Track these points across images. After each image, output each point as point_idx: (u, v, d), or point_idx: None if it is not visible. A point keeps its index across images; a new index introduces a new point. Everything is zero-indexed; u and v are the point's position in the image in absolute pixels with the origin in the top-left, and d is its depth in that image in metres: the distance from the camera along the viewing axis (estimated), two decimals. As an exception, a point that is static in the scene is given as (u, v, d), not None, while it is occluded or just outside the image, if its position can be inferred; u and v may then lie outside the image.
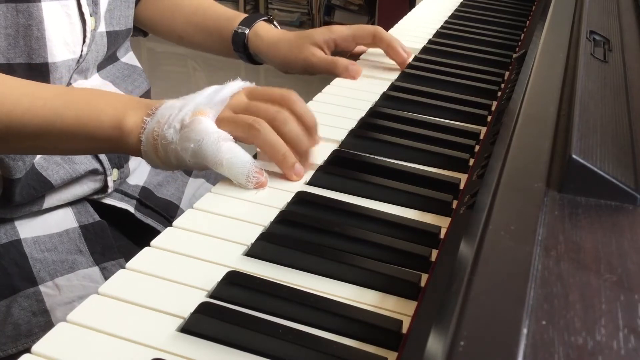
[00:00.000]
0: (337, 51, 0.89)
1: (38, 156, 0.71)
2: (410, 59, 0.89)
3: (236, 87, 0.61)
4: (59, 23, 0.69)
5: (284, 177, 0.59)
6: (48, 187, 0.72)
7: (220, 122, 0.58)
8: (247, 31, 0.88)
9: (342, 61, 0.84)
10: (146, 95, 0.88)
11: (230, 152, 0.56)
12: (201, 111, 0.57)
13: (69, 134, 0.59)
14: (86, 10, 0.72)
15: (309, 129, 0.60)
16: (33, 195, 0.71)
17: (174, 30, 0.94)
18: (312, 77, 0.93)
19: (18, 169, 0.68)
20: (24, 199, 0.70)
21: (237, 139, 0.57)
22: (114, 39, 0.80)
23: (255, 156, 0.60)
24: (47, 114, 0.58)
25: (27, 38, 0.66)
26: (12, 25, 0.64)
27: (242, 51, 0.89)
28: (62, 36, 0.69)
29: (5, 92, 0.59)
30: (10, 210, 0.71)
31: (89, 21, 0.72)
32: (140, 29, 0.98)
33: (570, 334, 0.30)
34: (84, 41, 0.72)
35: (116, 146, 0.60)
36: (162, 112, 0.57)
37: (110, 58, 0.83)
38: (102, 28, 0.77)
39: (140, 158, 0.84)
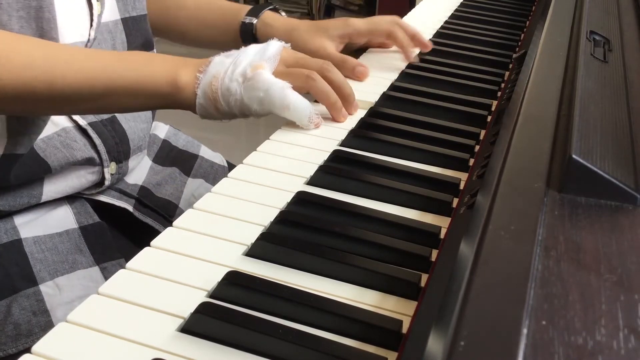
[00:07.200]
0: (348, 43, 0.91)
1: (38, 138, 0.71)
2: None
3: (279, 46, 0.70)
4: (68, 6, 0.70)
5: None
6: (45, 170, 0.72)
7: (278, 74, 0.66)
8: (255, 21, 0.89)
9: (351, 61, 0.85)
10: None
11: (295, 97, 0.66)
12: (260, 65, 0.65)
13: (130, 93, 0.65)
14: None
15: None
16: (29, 176, 0.71)
17: (177, 27, 0.95)
18: None
19: (23, 144, 0.68)
20: (19, 180, 0.70)
21: (294, 89, 0.66)
22: (133, 25, 0.81)
23: None
24: (111, 75, 0.64)
25: (38, 20, 0.67)
26: (24, 8, 0.65)
27: (251, 41, 0.90)
28: (71, 19, 0.71)
29: (71, 58, 0.63)
30: (8, 199, 0.71)
31: (96, 6, 0.73)
32: None
33: (570, 334, 0.30)
34: (91, 25, 0.74)
35: (172, 102, 0.66)
36: (215, 69, 0.65)
37: (144, 47, 0.84)
38: (115, 16, 0.77)
39: (138, 157, 0.85)
